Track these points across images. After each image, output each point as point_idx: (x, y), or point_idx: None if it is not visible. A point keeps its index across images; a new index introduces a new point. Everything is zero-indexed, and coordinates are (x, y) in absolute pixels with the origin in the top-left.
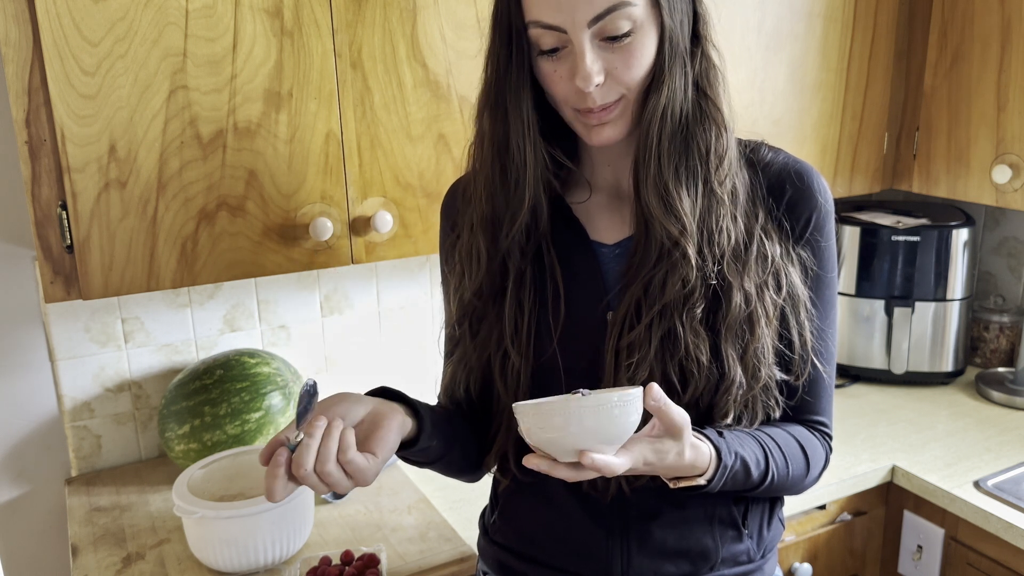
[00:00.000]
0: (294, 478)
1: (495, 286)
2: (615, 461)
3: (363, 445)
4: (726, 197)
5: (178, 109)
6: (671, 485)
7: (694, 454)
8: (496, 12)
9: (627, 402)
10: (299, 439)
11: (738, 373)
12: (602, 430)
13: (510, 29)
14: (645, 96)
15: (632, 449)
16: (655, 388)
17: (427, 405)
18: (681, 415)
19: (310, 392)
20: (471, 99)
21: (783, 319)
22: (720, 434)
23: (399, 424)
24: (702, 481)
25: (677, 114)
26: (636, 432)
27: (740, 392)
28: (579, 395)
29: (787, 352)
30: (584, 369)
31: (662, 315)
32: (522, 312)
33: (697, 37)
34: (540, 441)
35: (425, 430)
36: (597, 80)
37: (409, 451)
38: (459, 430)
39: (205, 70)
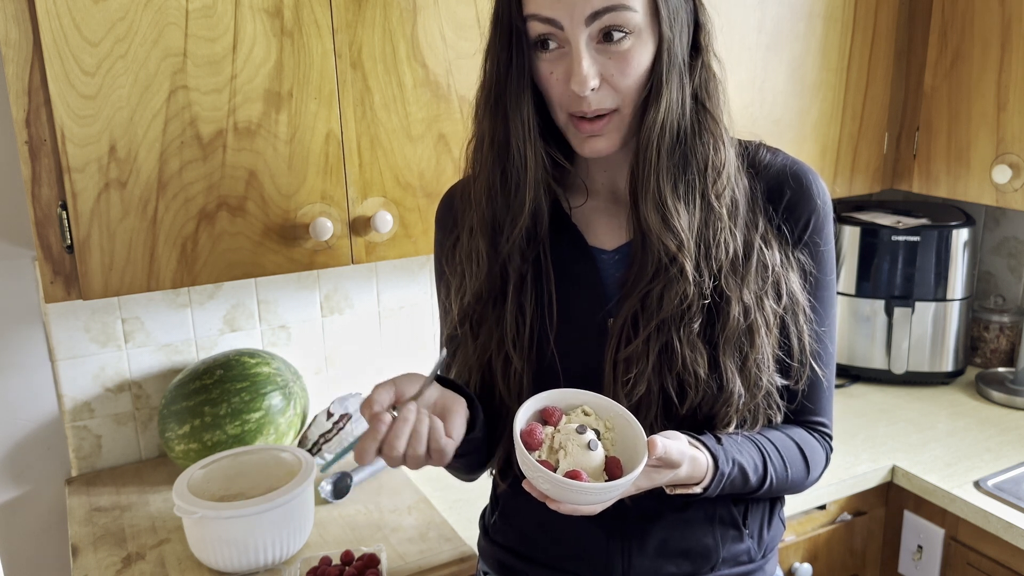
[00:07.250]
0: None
1: (495, 289)
2: (590, 510)
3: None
4: (724, 210)
5: (178, 109)
6: (667, 491)
7: (690, 468)
8: (496, 10)
9: (621, 487)
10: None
11: (737, 385)
12: (588, 502)
13: (510, 28)
14: (643, 109)
15: None
16: (658, 447)
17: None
18: (680, 456)
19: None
20: (471, 99)
21: (782, 326)
22: (719, 440)
23: (466, 413)
24: (698, 489)
25: (675, 127)
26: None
27: (741, 402)
28: (583, 450)
29: (786, 359)
30: (584, 375)
31: (659, 329)
32: (523, 316)
33: (697, 48)
34: (527, 476)
35: (479, 420)
36: (592, 84)
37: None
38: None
39: (205, 70)
